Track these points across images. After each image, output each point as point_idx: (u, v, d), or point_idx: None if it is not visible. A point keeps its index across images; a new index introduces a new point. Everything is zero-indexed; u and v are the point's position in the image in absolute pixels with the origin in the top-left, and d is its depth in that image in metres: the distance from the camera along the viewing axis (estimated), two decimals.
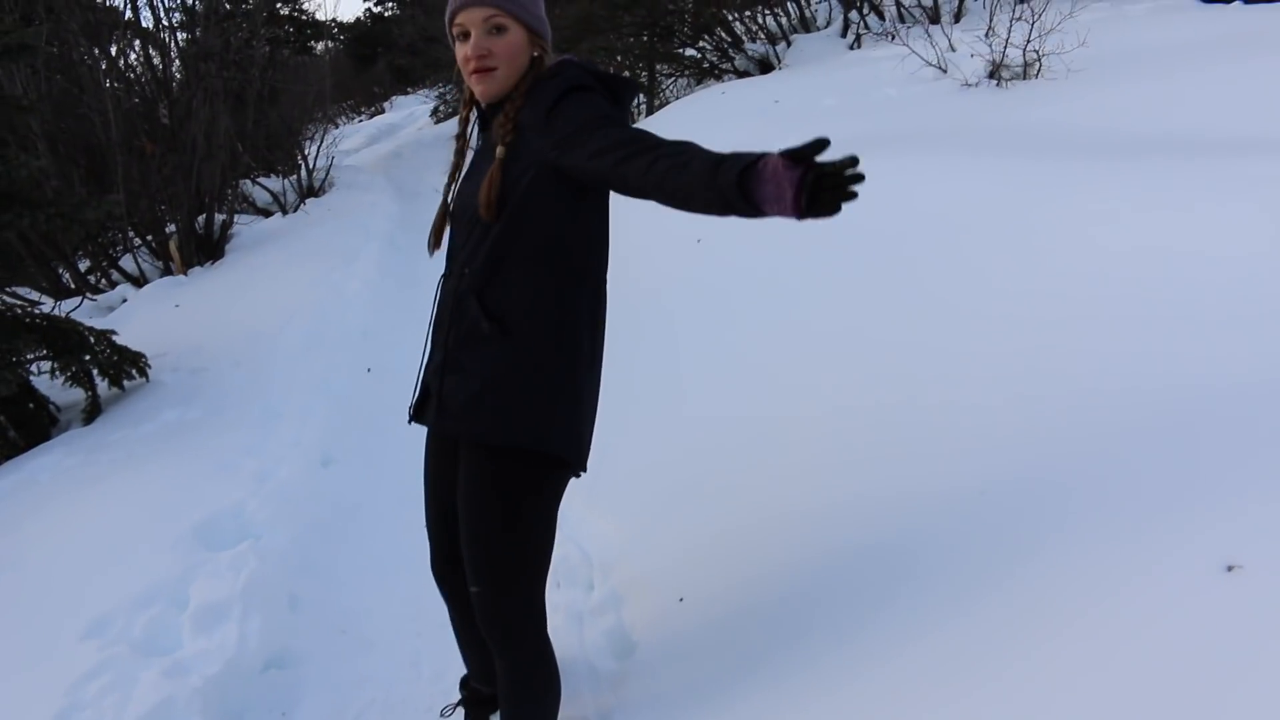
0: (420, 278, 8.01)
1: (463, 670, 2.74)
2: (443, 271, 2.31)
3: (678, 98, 11.81)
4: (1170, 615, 1.84)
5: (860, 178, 1.54)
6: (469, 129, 2.31)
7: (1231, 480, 2.13)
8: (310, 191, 11.81)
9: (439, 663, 3.04)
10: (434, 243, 2.31)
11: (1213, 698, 1.64)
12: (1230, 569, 1.86)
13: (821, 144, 1.55)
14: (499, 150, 2.09)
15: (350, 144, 20.99)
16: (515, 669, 2.34)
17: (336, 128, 20.90)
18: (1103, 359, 2.85)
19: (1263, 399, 2.39)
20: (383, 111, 29.20)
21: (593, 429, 2.34)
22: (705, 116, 8.69)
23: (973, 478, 2.56)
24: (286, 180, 11.71)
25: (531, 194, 2.06)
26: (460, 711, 2.75)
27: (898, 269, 3.99)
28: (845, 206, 1.55)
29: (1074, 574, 2.06)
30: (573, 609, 3.01)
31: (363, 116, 29.10)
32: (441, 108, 22.23)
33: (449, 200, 2.29)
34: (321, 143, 12.82)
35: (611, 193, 2.11)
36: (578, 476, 2.35)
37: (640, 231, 6.02)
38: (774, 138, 7.18)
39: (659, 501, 3.30)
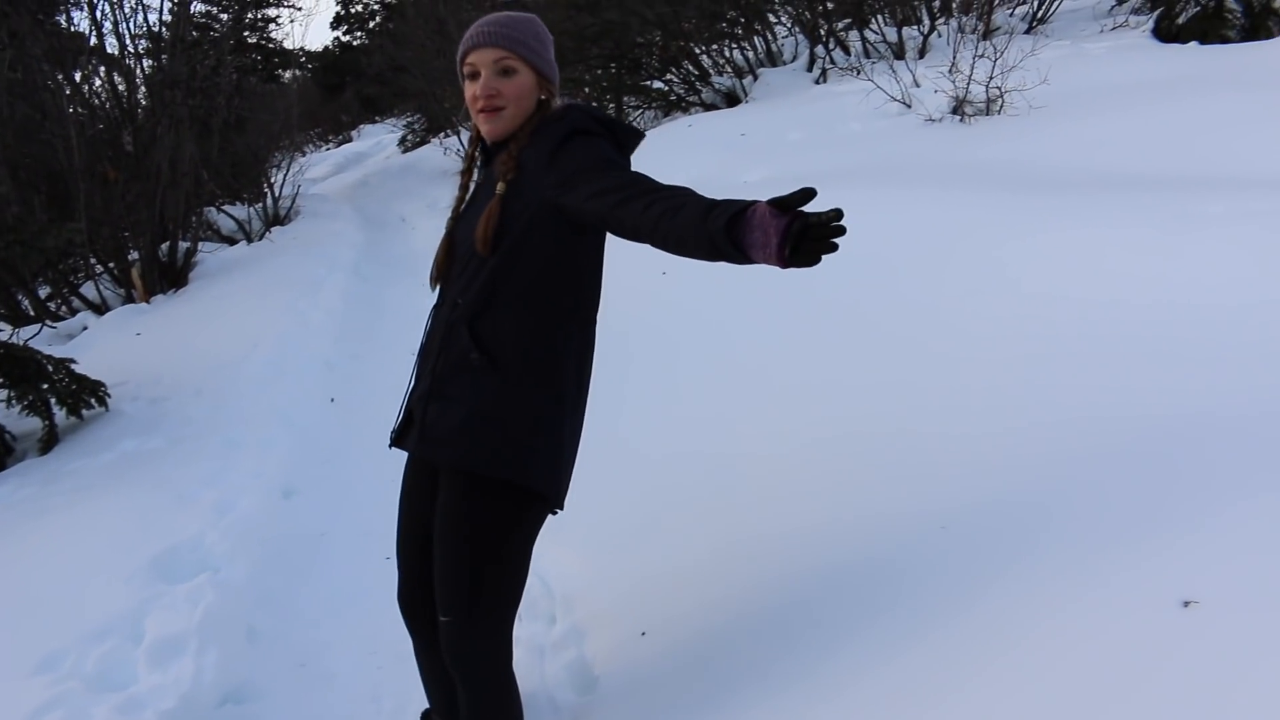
0: (385, 308, 8.01)
1: (424, 703, 2.71)
2: (435, 301, 2.33)
3: (645, 130, 11.86)
4: (1127, 649, 1.85)
5: (842, 230, 1.57)
6: (473, 165, 2.35)
7: (1191, 516, 2.15)
8: (276, 220, 11.77)
9: (400, 696, 2.99)
10: (435, 276, 2.32)
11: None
12: (1187, 604, 1.88)
13: (808, 194, 1.58)
14: (499, 186, 2.13)
15: (317, 172, 20.94)
16: (479, 703, 2.32)
17: (303, 156, 20.85)
18: (1064, 392, 2.89)
19: (1226, 434, 2.42)
20: (350, 140, 29.19)
21: (572, 467, 2.34)
22: (672, 148, 8.75)
23: (932, 512, 2.57)
24: (252, 208, 11.67)
25: (529, 231, 2.10)
26: None
27: (860, 301, 4.02)
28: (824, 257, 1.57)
29: (1032, 610, 2.07)
30: (534, 642, 2.97)
31: (330, 145, 29.07)
32: (409, 137, 22.24)
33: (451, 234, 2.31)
34: (288, 171, 12.79)
35: (608, 236, 2.16)
36: (554, 514, 2.35)
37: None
38: (740, 170, 7.26)
39: (622, 535, 3.28)
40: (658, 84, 13.22)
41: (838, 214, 1.57)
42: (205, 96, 10.25)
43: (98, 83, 9.41)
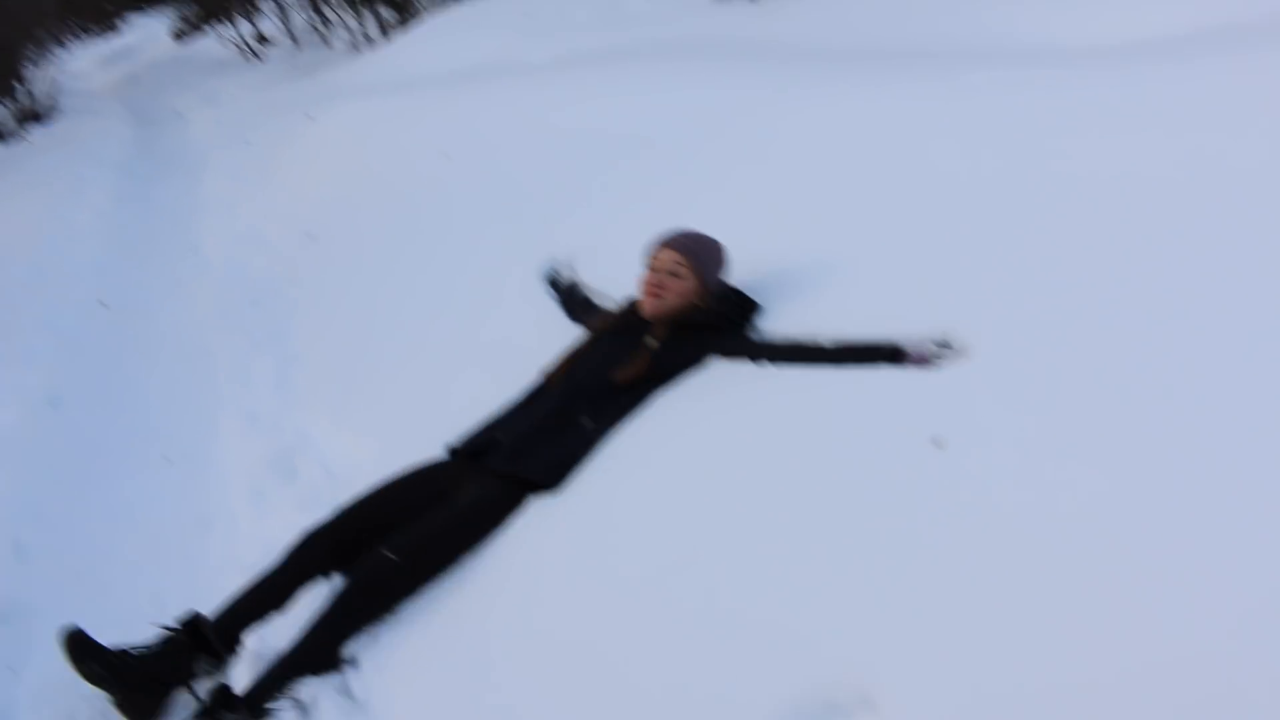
0: (161, 206, 7.55)
1: (210, 603, 2.60)
2: (544, 376, 2.89)
3: (430, 12, 11.42)
4: (877, 487, 1.95)
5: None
6: (627, 315, 2.98)
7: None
8: (33, 118, 10.86)
9: (184, 598, 2.86)
10: (557, 377, 2.84)
11: (912, 562, 1.76)
12: (936, 443, 1.98)
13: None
14: (652, 343, 2.78)
15: (80, 66, 19.41)
16: (331, 642, 2.33)
17: (63, 48, 19.22)
18: (821, 245, 3.00)
19: (970, 290, 2.55)
20: (117, 30, 27.05)
21: None
22: (457, 32, 8.53)
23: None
24: (3, 105, 10.71)
25: (669, 375, 2.72)
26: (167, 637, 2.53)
27: (632, 175, 4.05)
28: None
29: (779, 449, 2.17)
30: None
31: (94, 36, 26.87)
32: (182, 27, 20.75)
33: (582, 343, 2.93)
34: (45, 65, 11.78)
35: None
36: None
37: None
38: (526, 50, 7.08)
39: (407, 416, 3.24)
40: None
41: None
42: None
43: None
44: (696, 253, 2.92)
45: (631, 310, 3.02)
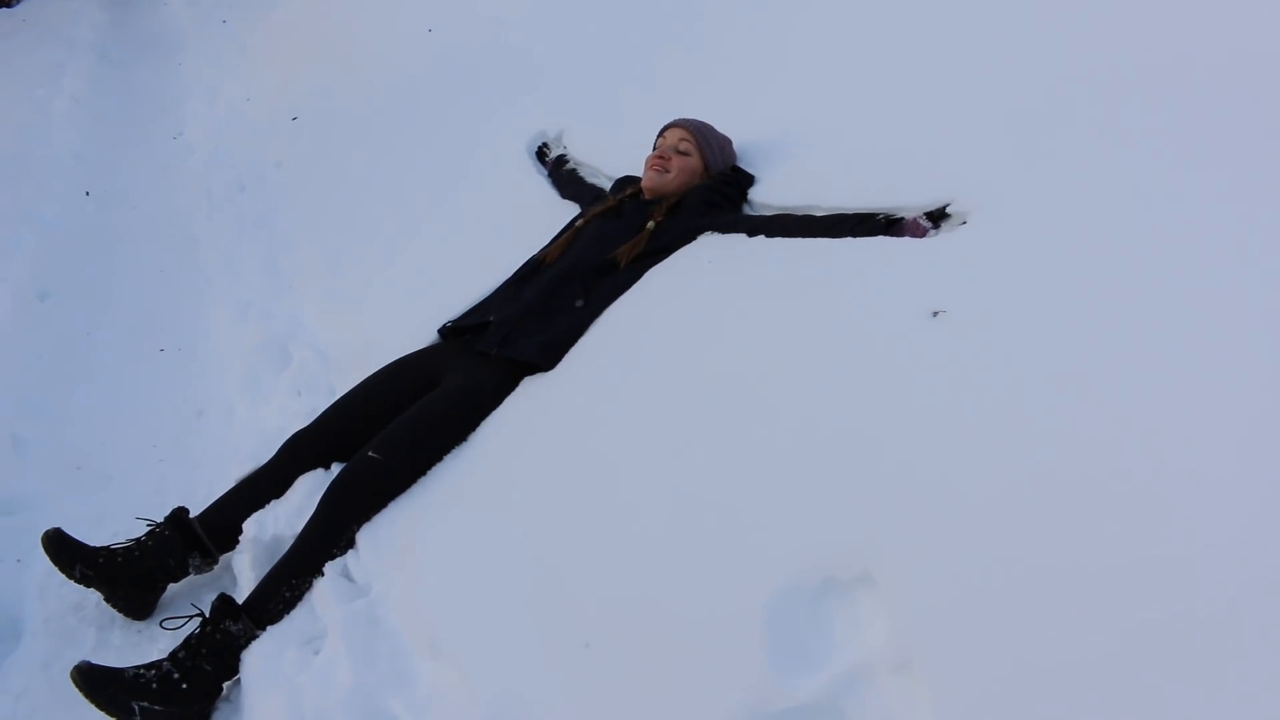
0: (140, 92, 7.33)
1: (209, 496, 2.59)
2: (539, 256, 2.86)
3: None
4: (880, 357, 1.92)
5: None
6: (623, 198, 2.97)
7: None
8: None
9: (185, 487, 2.88)
10: (553, 254, 2.82)
11: (912, 438, 1.74)
12: (936, 314, 1.95)
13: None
14: (650, 225, 2.75)
15: None
16: (324, 546, 2.29)
17: None
18: (828, 113, 2.92)
19: (972, 159, 2.48)
20: None
21: None
22: None
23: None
24: None
25: (663, 253, 2.69)
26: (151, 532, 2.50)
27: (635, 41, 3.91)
28: None
29: (781, 322, 2.14)
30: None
31: None
32: None
33: (577, 223, 2.93)
34: None
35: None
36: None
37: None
38: None
39: (400, 299, 3.20)
40: None
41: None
42: None
43: None
44: (704, 133, 2.98)
45: (628, 189, 3.04)
